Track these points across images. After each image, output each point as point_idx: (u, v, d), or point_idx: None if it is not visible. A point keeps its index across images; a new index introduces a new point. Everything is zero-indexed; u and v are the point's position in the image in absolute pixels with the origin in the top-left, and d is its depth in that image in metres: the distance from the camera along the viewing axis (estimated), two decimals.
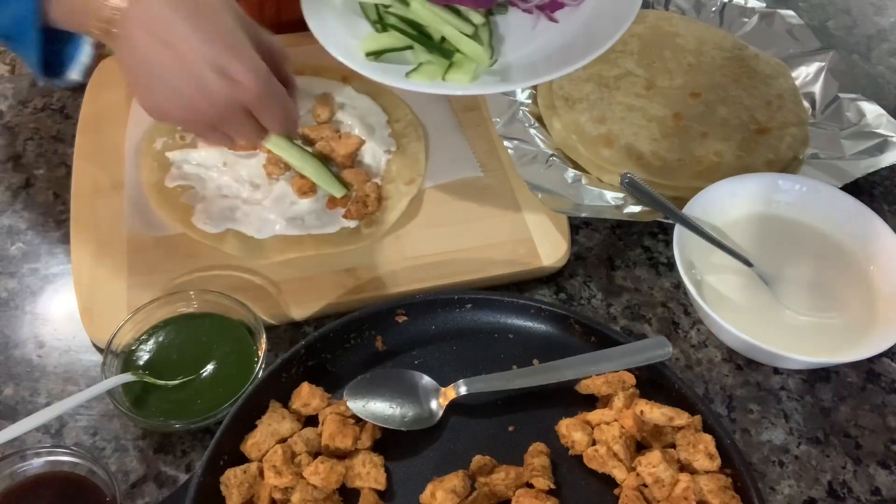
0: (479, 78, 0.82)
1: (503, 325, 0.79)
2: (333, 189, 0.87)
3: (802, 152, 0.95)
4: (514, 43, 0.87)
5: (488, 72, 0.84)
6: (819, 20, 1.19)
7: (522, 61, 0.85)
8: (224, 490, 0.66)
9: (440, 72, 0.82)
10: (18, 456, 0.67)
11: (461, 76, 0.81)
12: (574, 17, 0.88)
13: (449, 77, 0.81)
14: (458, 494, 0.66)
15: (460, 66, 0.82)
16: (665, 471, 0.66)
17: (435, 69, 0.82)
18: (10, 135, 0.99)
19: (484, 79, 0.83)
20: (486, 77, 0.83)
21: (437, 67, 0.82)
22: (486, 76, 0.83)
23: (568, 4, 0.89)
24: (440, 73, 0.81)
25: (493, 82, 0.83)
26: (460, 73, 0.81)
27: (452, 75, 0.81)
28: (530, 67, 0.84)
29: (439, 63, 0.82)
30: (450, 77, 0.81)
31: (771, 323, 0.79)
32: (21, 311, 0.83)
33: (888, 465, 0.75)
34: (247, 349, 0.76)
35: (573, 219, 0.90)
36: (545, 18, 0.89)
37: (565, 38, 0.86)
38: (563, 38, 0.86)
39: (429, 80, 0.81)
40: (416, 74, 0.82)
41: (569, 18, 0.88)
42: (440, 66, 0.82)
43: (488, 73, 0.83)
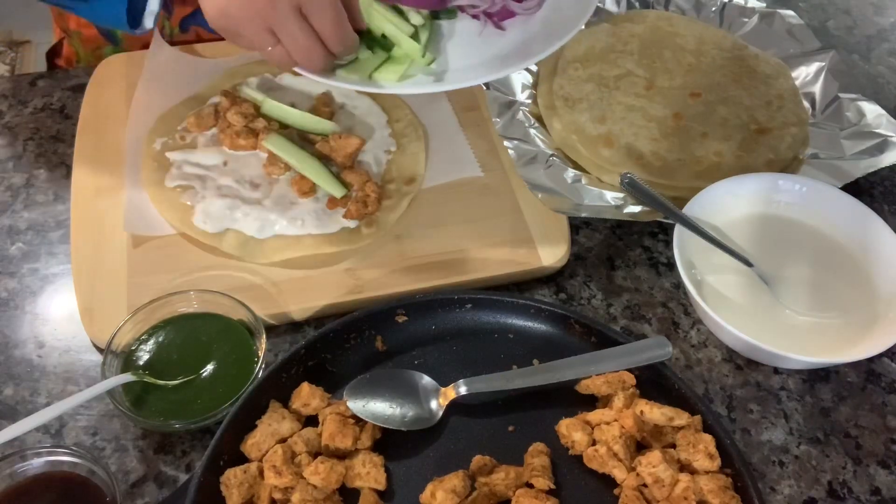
0: (410, 78, 0.83)
1: (503, 325, 0.79)
2: (333, 189, 0.87)
3: (802, 152, 0.95)
4: (456, 48, 0.88)
5: (421, 73, 0.84)
6: (819, 20, 1.19)
7: (458, 64, 0.86)
8: (224, 490, 0.66)
9: (370, 69, 0.82)
10: (18, 456, 0.67)
11: (389, 74, 0.81)
12: (522, 27, 0.89)
13: (377, 75, 0.82)
14: (458, 494, 0.66)
15: (391, 66, 0.82)
16: (665, 471, 0.66)
17: (365, 66, 0.82)
18: (10, 135, 0.99)
19: (414, 79, 0.83)
20: (419, 77, 0.83)
21: (368, 65, 0.82)
22: (419, 77, 0.84)
23: (519, 14, 0.90)
24: (369, 70, 0.82)
25: (422, 83, 0.83)
26: (389, 71, 0.82)
27: (381, 73, 0.82)
28: (463, 70, 0.84)
29: (374, 60, 0.83)
30: (377, 75, 0.82)
31: (771, 323, 0.79)
32: (21, 311, 0.83)
33: (888, 465, 0.75)
34: (247, 349, 0.76)
35: (573, 219, 0.90)
36: (492, 26, 0.90)
37: (506, 47, 0.87)
38: (505, 45, 0.87)
39: (356, 76, 0.81)
40: (343, 70, 0.82)
41: (516, 28, 0.89)
42: (371, 63, 0.82)
43: (421, 74, 0.84)
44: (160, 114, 0.96)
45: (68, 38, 1.17)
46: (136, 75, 1.00)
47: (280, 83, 1.00)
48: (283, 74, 1.00)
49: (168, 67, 1.01)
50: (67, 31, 1.16)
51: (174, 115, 0.95)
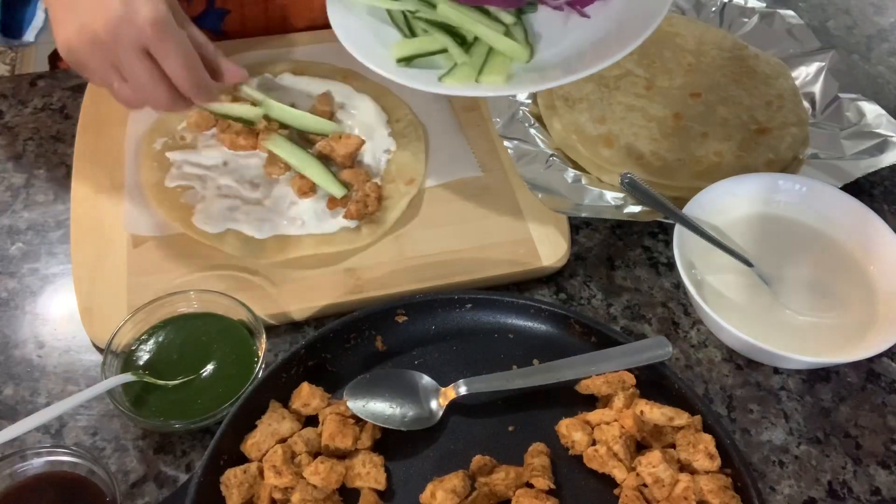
0: (513, 77, 0.81)
1: (503, 325, 0.79)
2: (333, 189, 0.87)
3: (802, 152, 0.95)
4: (546, 41, 0.86)
5: (522, 71, 0.82)
6: (819, 20, 1.19)
7: (556, 59, 0.84)
8: (224, 490, 0.66)
9: (474, 74, 0.81)
10: (18, 456, 0.67)
11: (495, 77, 0.80)
12: (605, 11, 0.87)
13: (483, 78, 0.80)
14: (458, 494, 0.66)
15: (494, 67, 0.81)
16: (665, 471, 0.66)
17: (468, 71, 0.81)
18: (10, 135, 0.99)
19: (518, 78, 0.82)
20: (521, 76, 0.82)
21: (470, 69, 0.81)
22: (521, 75, 0.82)
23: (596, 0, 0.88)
24: (474, 75, 0.81)
25: (528, 81, 0.82)
26: (494, 73, 0.80)
27: (487, 77, 0.80)
28: (564, 64, 0.82)
29: (472, 65, 0.81)
30: (484, 78, 0.80)
31: (771, 323, 0.79)
32: (21, 311, 0.83)
33: (888, 465, 0.75)
34: (247, 349, 0.76)
35: (573, 219, 0.90)
36: (576, 14, 0.87)
37: (598, 34, 0.85)
38: (596, 33, 0.85)
39: (462, 83, 0.80)
40: (449, 78, 0.81)
41: (600, 13, 0.87)
42: (473, 67, 0.81)
43: (522, 72, 0.82)
44: (160, 114, 0.95)
45: None
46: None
47: (280, 83, 1.00)
48: (283, 75, 1.00)
49: None
50: None
51: (174, 115, 0.95)
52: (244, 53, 1.04)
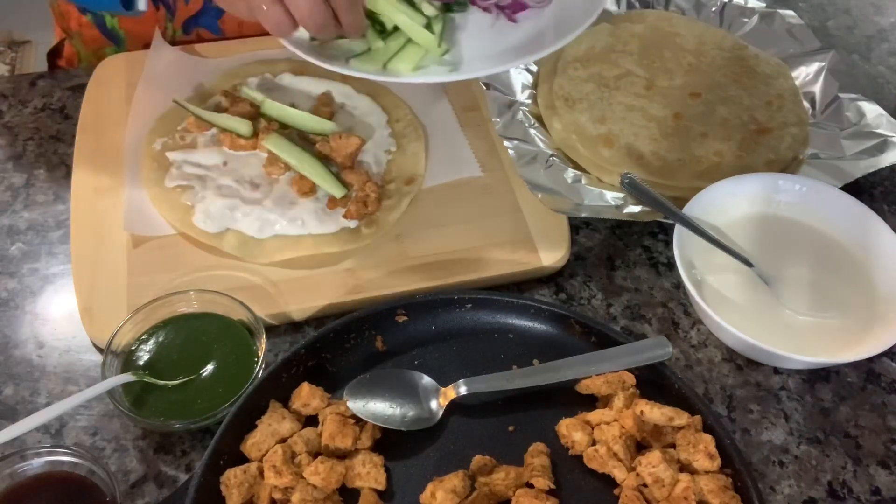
0: (423, 68, 0.82)
1: (503, 325, 0.79)
2: (333, 189, 0.87)
3: (802, 152, 0.95)
4: (468, 39, 0.87)
5: (435, 63, 0.83)
6: (819, 20, 1.19)
7: (472, 55, 0.85)
8: (224, 490, 0.66)
9: (383, 59, 0.81)
10: (18, 456, 0.67)
11: (404, 64, 0.81)
12: (534, 19, 0.88)
13: (391, 65, 0.81)
14: (458, 494, 0.66)
15: (404, 56, 0.82)
16: (665, 471, 0.66)
17: (378, 56, 0.82)
18: (10, 135, 0.99)
19: (428, 69, 0.83)
20: (432, 68, 0.83)
21: (381, 55, 0.82)
22: (432, 67, 0.83)
23: (532, 6, 0.89)
24: (383, 60, 0.81)
25: (436, 73, 0.83)
26: (403, 62, 0.81)
27: (395, 64, 0.81)
28: (477, 60, 0.84)
29: (386, 51, 0.82)
30: (391, 65, 0.81)
31: (771, 323, 0.79)
32: (21, 311, 0.83)
33: (888, 465, 0.75)
34: (247, 349, 0.76)
35: (573, 219, 0.90)
36: (504, 18, 0.89)
37: (520, 38, 0.86)
38: (519, 37, 0.86)
39: (370, 65, 0.81)
40: (357, 60, 0.82)
41: (528, 20, 0.88)
42: (385, 54, 0.82)
43: (435, 65, 0.83)
44: (160, 114, 0.96)
45: (69, 38, 1.18)
46: (136, 75, 1.00)
47: (280, 83, 1.00)
48: (283, 74, 1.00)
49: (168, 67, 1.01)
50: (69, 32, 1.16)
51: (174, 115, 0.95)
52: (243, 53, 1.04)
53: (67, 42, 1.18)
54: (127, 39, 1.13)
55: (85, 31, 1.13)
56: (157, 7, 1.09)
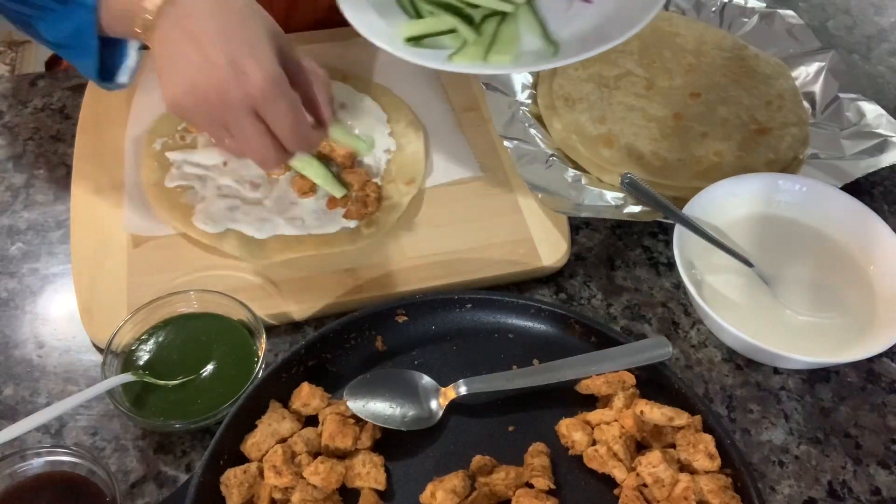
0: (519, 57, 0.83)
1: (503, 325, 0.79)
2: (333, 189, 0.87)
3: (802, 152, 0.95)
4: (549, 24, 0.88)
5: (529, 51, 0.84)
6: (819, 20, 1.19)
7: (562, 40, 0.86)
8: (224, 490, 0.66)
9: (482, 52, 0.82)
10: (18, 456, 0.67)
11: (503, 56, 0.82)
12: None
13: (491, 58, 0.82)
14: (458, 494, 0.66)
15: (501, 47, 0.82)
16: (665, 471, 0.66)
17: (476, 50, 0.83)
18: (10, 135, 0.99)
19: (524, 57, 0.83)
20: (527, 55, 0.83)
21: (479, 48, 0.83)
22: (527, 55, 0.83)
23: None
24: (482, 53, 0.82)
25: (533, 60, 0.83)
26: (502, 52, 0.82)
27: (495, 56, 0.82)
28: (570, 45, 0.84)
29: (481, 43, 0.83)
30: (492, 58, 0.82)
31: (771, 323, 0.79)
32: (21, 311, 0.83)
33: (888, 465, 0.75)
34: (247, 349, 0.76)
35: (573, 219, 0.90)
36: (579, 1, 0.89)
37: (599, 19, 0.87)
38: (598, 18, 0.87)
39: (471, 61, 0.82)
40: (458, 56, 0.82)
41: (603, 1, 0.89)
42: (481, 46, 0.83)
43: (528, 53, 0.84)
44: (160, 114, 0.96)
45: None
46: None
47: None
48: None
49: None
50: None
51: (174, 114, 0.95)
52: None
53: None
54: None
55: None
56: None
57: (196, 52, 0.68)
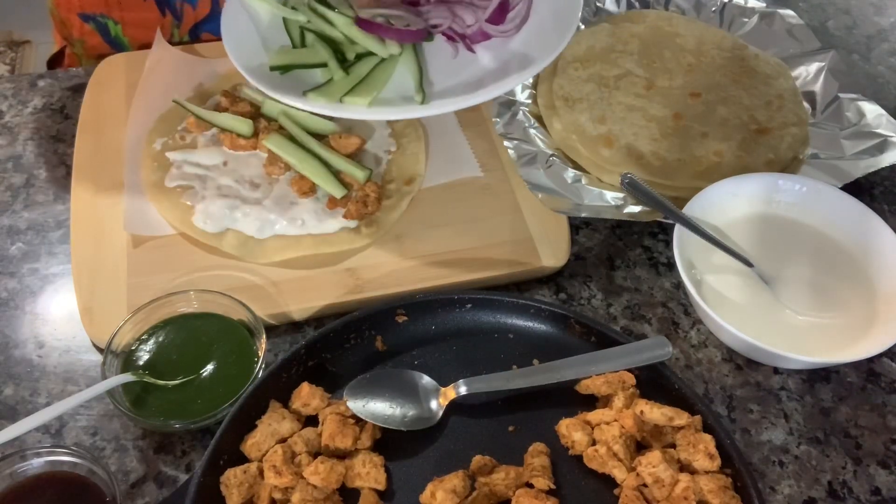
0: (379, 103, 0.81)
1: (503, 325, 0.79)
2: (333, 189, 0.87)
3: (802, 152, 0.95)
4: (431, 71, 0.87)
5: (395, 97, 0.83)
6: (819, 20, 1.19)
7: (436, 88, 0.85)
8: (224, 490, 0.66)
9: (338, 93, 0.81)
10: (18, 456, 0.67)
11: (360, 99, 0.80)
12: (497, 50, 0.88)
13: (347, 99, 0.80)
14: (458, 494, 0.66)
15: (362, 90, 0.81)
16: (665, 471, 0.66)
17: (336, 90, 0.81)
18: (10, 135, 0.99)
19: (385, 103, 0.82)
20: (387, 102, 0.82)
21: (338, 88, 0.81)
22: (387, 100, 0.82)
23: (495, 37, 0.89)
24: (338, 94, 0.81)
25: (392, 109, 0.82)
26: (360, 96, 0.80)
27: (351, 98, 0.80)
28: (440, 95, 0.83)
29: (345, 84, 0.82)
30: (348, 99, 0.80)
31: (771, 323, 0.79)
32: (21, 311, 0.83)
33: (888, 465, 0.75)
34: (247, 349, 0.76)
35: (573, 219, 0.90)
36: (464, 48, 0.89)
37: (482, 71, 0.86)
38: (481, 70, 0.86)
39: (326, 101, 0.80)
40: (314, 93, 0.81)
41: (489, 51, 0.88)
42: (344, 87, 0.82)
43: (391, 99, 0.82)
44: (160, 114, 0.96)
45: (70, 46, 1.17)
46: (136, 75, 1.00)
47: None
48: None
49: (168, 67, 1.01)
50: (70, 40, 1.16)
51: (174, 115, 0.95)
52: None
53: (68, 49, 1.18)
54: (132, 48, 1.13)
55: (87, 39, 1.13)
56: (163, 14, 1.09)
57: None
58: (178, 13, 1.08)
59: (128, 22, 1.10)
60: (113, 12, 1.09)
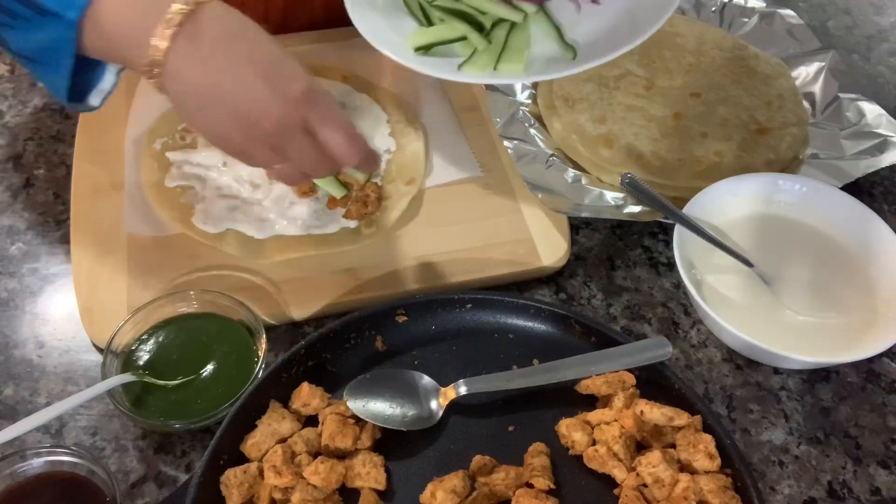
0: (530, 66, 0.82)
1: (503, 325, 0.79)
2: (333, 189, 0.87)
3: (802, 152, 0.95)
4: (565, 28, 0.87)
5: (538, 59, 0.83)
6: (819, 20, 1.19)
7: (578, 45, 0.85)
8: (224, 490, 0.66)
9: (492, 62, 0.82)
10: (18, 456, 0.67)
11: (514, 65, 0.81)
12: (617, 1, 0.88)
13: (501, 67, 0.81)
14: (458, 494, 0.66)
15: (511, 55, 0.82)
16: (665, 471, 0.66)
17: (486, 59, 0.82)
18: (10, 135, 0.99)
19: (535, 66, 0.82)
20: (537, 64, 0.83)
21: (489, 57, 0.82)
22: (537, 63, 0.83)
23: None
24: (492, 63, 0.82)
25: (544, 68, 0.82)
26: (512, 61, 0.81)
27: (505, 64, 0.81)
28: (586, 49, 0.84)
29: (491, 52, 0.82)
30: (502, 67, 0.81)
31: (771, 323, 0.79)
32: (21, 311, 0.83)
33: (888, 465, 0.75)
34: (247, 349, 0.76)
35: (573, 219, 0.90)
36: (588, 2, 0.89)
37: (609, 23, 0.86)
38: (608, 22, 0.86)
39: (481, 70, 0.82)
40: (468, 65, 0.82)
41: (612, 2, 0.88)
42: (492, 55, 0.82)
43: (538, 61, 0.83)
44: (160, 114, 0.96)
45: None
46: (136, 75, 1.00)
47: None
48: None
49: None
50: None
51: (174, 115, 0.95)
52: None
53: None
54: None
55: None
56: None
57: (230, 81, 0.64)
58: None
59: None
60: None
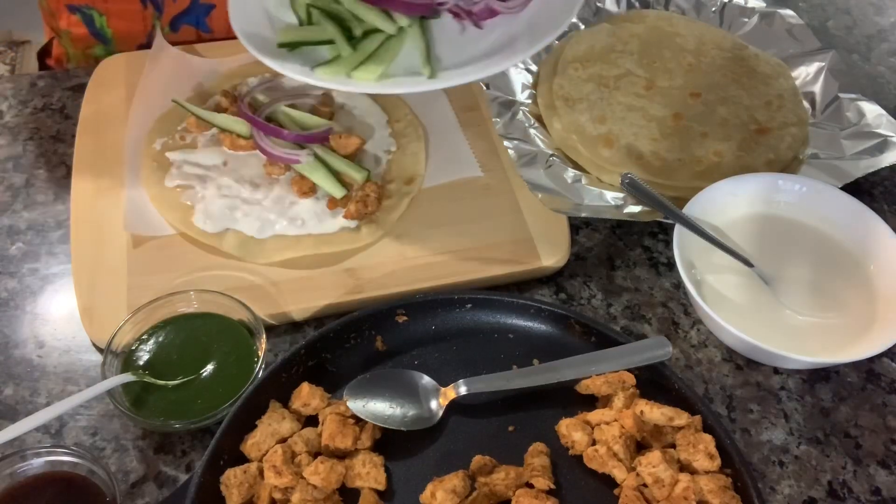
0: (389, 78, 0.82)
1: (503, 325, 0.79)
2: (333, 189, 0.87)
3: (802, 152, 0.95)
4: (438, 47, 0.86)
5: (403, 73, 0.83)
6: (819, 20, 1.19)
7: (443, 64, 0.84)
8: (224, 490, 0.66)
9: (347, 68, 0.81)
10: (18, 456, 0.67)
11: (367, 74, 0.81)
12: (504, 26, 0.88)
13: (355, 74, 0.81)
14: (458, 494, 0.66)
15: (369, 66, 0.81)
16: (665, 471, 0.66)
17: (344, 66, 0.82)
18: (10, 135, 0.99)
19: (393, 79, 0.82)
20: (395, 78, 0.82)
21: (346, 64, 0.82)
22: (395, 77, 0.82)
23: (503, 13, 0.88)
24: (347, 69, 0.81)
25: (399, 83, 0.82)
26: (368, 71, 0.81)
27: (359, 73, 0.81)
28: (449, 70, 0.83)
29: (352, 60, 0.82)
30: (356, 74, 0.81)
31: (771, 323, 0.79)
32: (21, 311, 0.83)
33: (888, 465, 0.75)
34: (247, 349, 0.76)
35: (573, 219, 0.90)
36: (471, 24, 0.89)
37: (485, 46, 0.86)
38: (483, 46, 0.86)
39: (333, 76, 0.81)
40: (322, 69, 0.82)
41: (498, 27, 0.88)
42: (351, 63, 0.82)
43: (398, 74, 0.83)
44: (160, 114, 0.96)
45: (58, 37, 1.17)
46: (135, 76, 1.00)
47: (280, 83, 1.00)
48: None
49: (168, 67, 1.01)
50: (57, 31, 1.16)
51: (174, 115, 0.95)
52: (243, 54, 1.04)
53: (56, 41, 1.18)
54: (115, 40, 1.13)
55: (73, 30, 1.13)
56: (144, 5, 1.09)
57: None
58: (158, 5, 1.08)
59: (112, 13, 1.10)
60: (98, 3, 1.09)
